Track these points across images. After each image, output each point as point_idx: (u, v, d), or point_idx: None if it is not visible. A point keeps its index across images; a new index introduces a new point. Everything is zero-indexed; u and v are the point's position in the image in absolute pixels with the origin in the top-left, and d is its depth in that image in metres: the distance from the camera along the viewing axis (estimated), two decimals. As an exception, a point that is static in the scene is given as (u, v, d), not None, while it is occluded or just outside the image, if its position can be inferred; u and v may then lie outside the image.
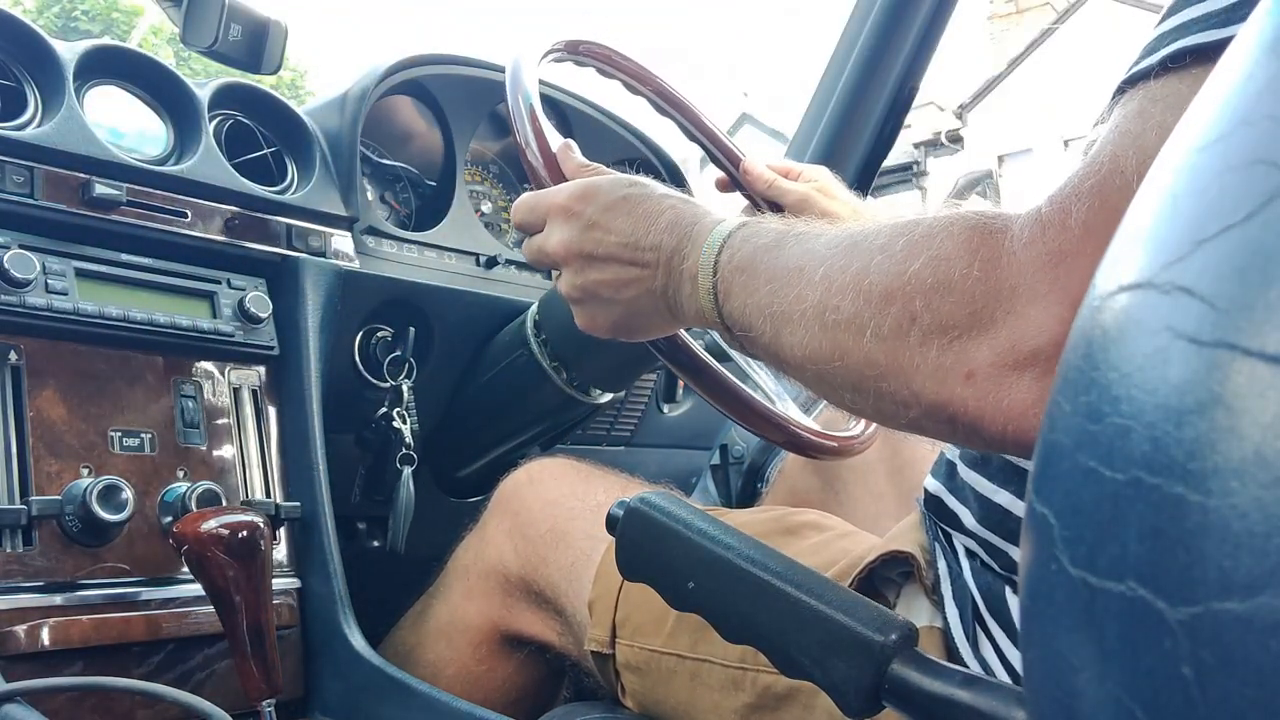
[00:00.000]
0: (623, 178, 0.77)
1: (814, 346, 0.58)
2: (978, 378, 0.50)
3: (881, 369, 0.54)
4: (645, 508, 0.59)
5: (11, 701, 0.76)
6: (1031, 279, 0.48)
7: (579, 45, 1.01)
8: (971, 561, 0.72)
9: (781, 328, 0.61)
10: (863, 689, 0.48)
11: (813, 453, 0.93)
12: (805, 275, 0.60)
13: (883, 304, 0.54)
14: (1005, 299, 0.49)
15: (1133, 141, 0.47)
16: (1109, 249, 0.28)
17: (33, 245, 0.93)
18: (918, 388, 0.53)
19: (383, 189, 1.34)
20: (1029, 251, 0.49)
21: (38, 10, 13.54)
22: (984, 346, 0.50)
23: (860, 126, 1.57)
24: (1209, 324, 0.23)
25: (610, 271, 0.73)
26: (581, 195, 0.75)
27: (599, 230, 0.73)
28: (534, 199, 0.79)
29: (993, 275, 0.50)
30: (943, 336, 0.51)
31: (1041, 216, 0.49)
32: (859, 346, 0.55)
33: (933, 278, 0.52)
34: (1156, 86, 0.48)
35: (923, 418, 0.54)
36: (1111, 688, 0.24)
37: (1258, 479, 0.21)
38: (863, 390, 0.57)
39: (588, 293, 0.75)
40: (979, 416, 0.50)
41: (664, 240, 0.71)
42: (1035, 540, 0.28)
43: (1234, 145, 0.24)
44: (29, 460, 0.89)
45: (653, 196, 0.74)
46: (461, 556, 1.07)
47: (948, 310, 0.51)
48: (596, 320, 0.77)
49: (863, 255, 0.57)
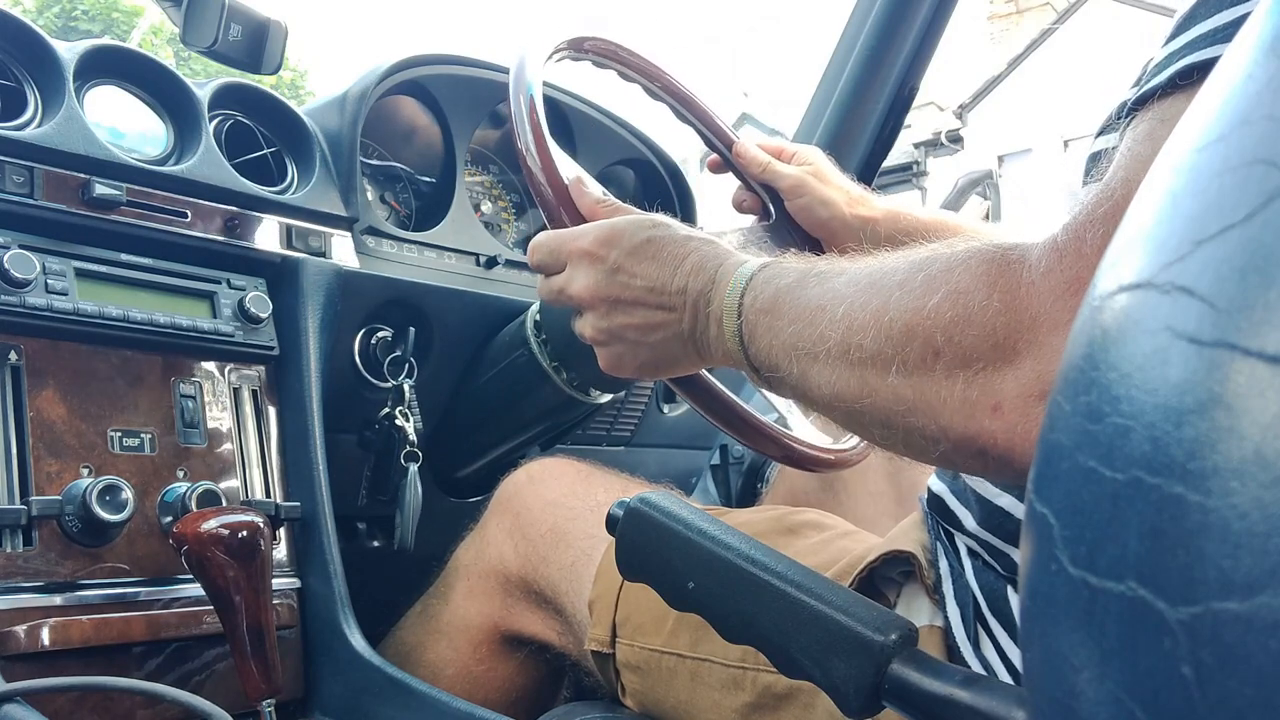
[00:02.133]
0: (644, 218, 0.77)
1: (841, 385, 0.59)
2: (1005, 410, 0.50)
3: (909, 404, 0.55)
4: (645, 508, 0.59)
5: (11, 701, 0.76)
6: (1052, 307, 0.49)
7: (584, 43, 1.00)
8: (973, 561, 0.72)
9: (808, 367, 0.61)
10: (863, 689, 0.48)
11: (809, 465, 0.93)
12: (827, 314, 0.60)
13: (904, 340, 0.54)
14: (1027, 329, 0.49)
15: (1144, 166, 0.47)
16: (1109, 249, 0.28)
17: (33, 245, 0.93)
18: (945, 422, 0.53)
19: (383, 189, 1.34)
20: (1047, 281, 0.49)
21: (38, 10, 13.54)
22: (1009, 378, 0.50)
23: (860, 126, 1.57)
24: (1209, 324, 0.23)
25: (638, 315, 0.74)
26: (606, 240, 0.75)
27: (624, 274, 0.73)
28: (555, 241, 0.79)
29: (1013, 306, 0.50)
30: (967, 369, 0.51)
31: (1058, 245, 0.50)
32: (884, 383, 0.55)
33: (952, 311, 0.52)
34: (1164, 106, 0.48)
35: (953, 452, 0.54)
36: (1111, 688, 0.24)
37: (1258, 479, 0.21)
38: (892, 426, 0.57)
39: (614, 336, 0.75)
40: (1009, 448, 0.50)
41: (690, 284, 0.71)
42: (1035, 540, 0.28)
43: (1234, 145, 0.24)
44: (29, 460, 0.88)
45: (676, 239, 0.74)
46: (462, 556, 1.07)
47: (970, 343, 0.51)
48: (624, 361, 0.77)
49: (882, 292, 0.57)
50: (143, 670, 0.91)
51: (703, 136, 1.13)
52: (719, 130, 1.12)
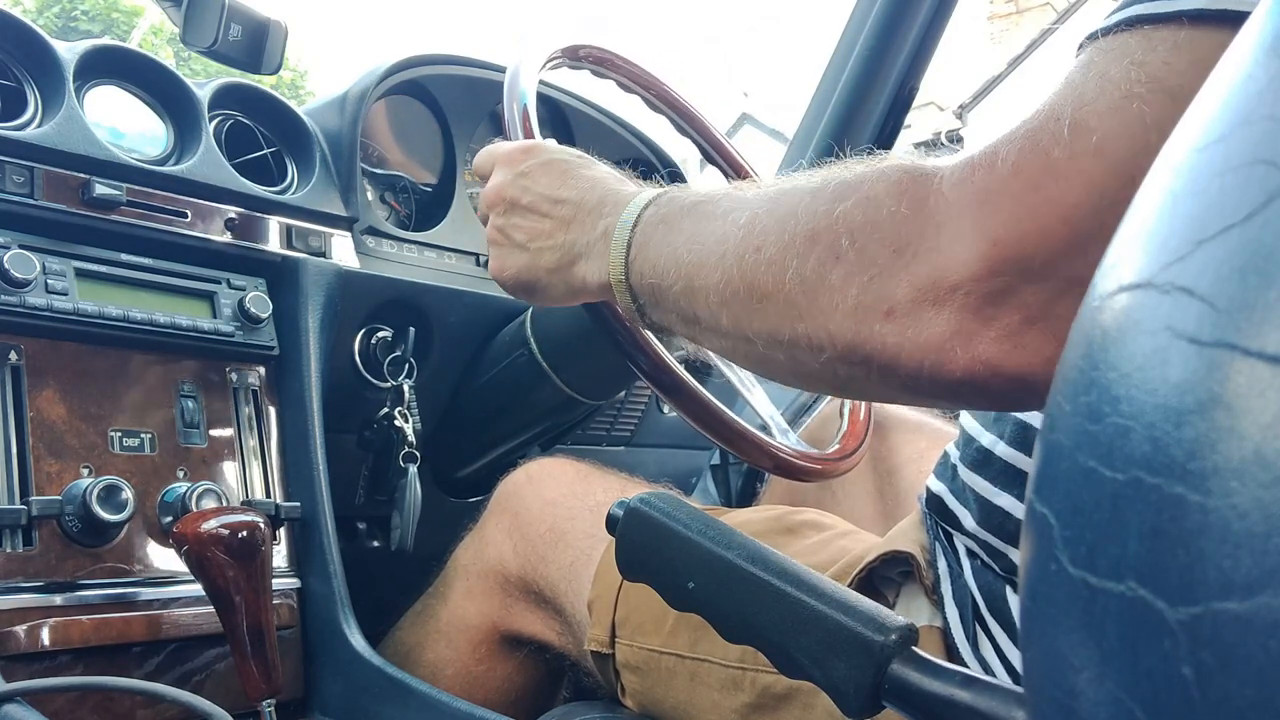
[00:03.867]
0: (575, 151, 0.79)
1: (732, 290, 0.58)
2: (897, 314, 0.50)
3: (800, 310, 0.54)
4: (645, 508, 0.59)
5: (11, 701, 0.76)
6: (957, 216, 0.48)
7: (579, 50, 1.01)
8: (972, 561, 0.72)
9: (696, 274, 0.61)
10: (863, 689, 0.48)
11: (799, 475, 0.93)
12: (730, 219, 0.60)
13: (808, 243, 0.54)
14: (930, 236, 0.49)
15: (1073, 91, 0.48)
16: (1109, 249, 0.28)
17: (33, 245, 0.93)
18: (835, 328, 0.52)
19: (383, 189, 1.34)
20: (957, 191, 0.49)
21: (38, 10, 13.53)
22: (904, 282, 0.50)
23: (860, 126, 1.57)
24: (1209, 324, 0.23)
25: (529, 219, 0.75)
26: (526, 149, 0.79)
27: (528, 180, 0.76)
28: (491, 147, 0.82)
29: (920, 213, 0.50)
30: (863, 275, 0.51)
31: (972, 159, 0.50)
32: (779, 288, 0.55)
33: (862, 216, 0.52)
34: (1106, 41, 0.48)
35: (837, 360, 0.54)
36: (1111, 688, 0.24)
37: (1258, 479, 0.21)
38: (777, 336, 0.56)
39: (505, 236, 0.77)
40: (896, 353, 0.50)
41: (585, 198, 0.72)
42: (1035, 540, 0.28)
43: (1234, 145, 0.24)
44: (29, 460, 0.88)
45: (591, 166, 0.76)
46: (461, 556, 1.07)
47: (873, 248, 0.51)
48: (504, 266, 0.78)
49: (792, 198, 0.57)
50: (143, 670, 0.91)
51: (699, 146, 1.14)
52: (714, 140, 1.13)
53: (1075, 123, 0.46)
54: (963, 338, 0.48)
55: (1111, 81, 0.46)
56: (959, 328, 0.48)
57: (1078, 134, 0.46)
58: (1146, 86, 0.45)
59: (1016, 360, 0.47)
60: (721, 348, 0.64)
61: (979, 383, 0.48)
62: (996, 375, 0.48)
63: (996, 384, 0.48)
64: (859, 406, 1.10)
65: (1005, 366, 0.48)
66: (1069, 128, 0.46)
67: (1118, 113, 0.45)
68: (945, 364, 0.49)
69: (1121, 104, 0.45)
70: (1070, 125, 0.46)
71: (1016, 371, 0.47)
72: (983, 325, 0.48)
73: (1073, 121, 0.46)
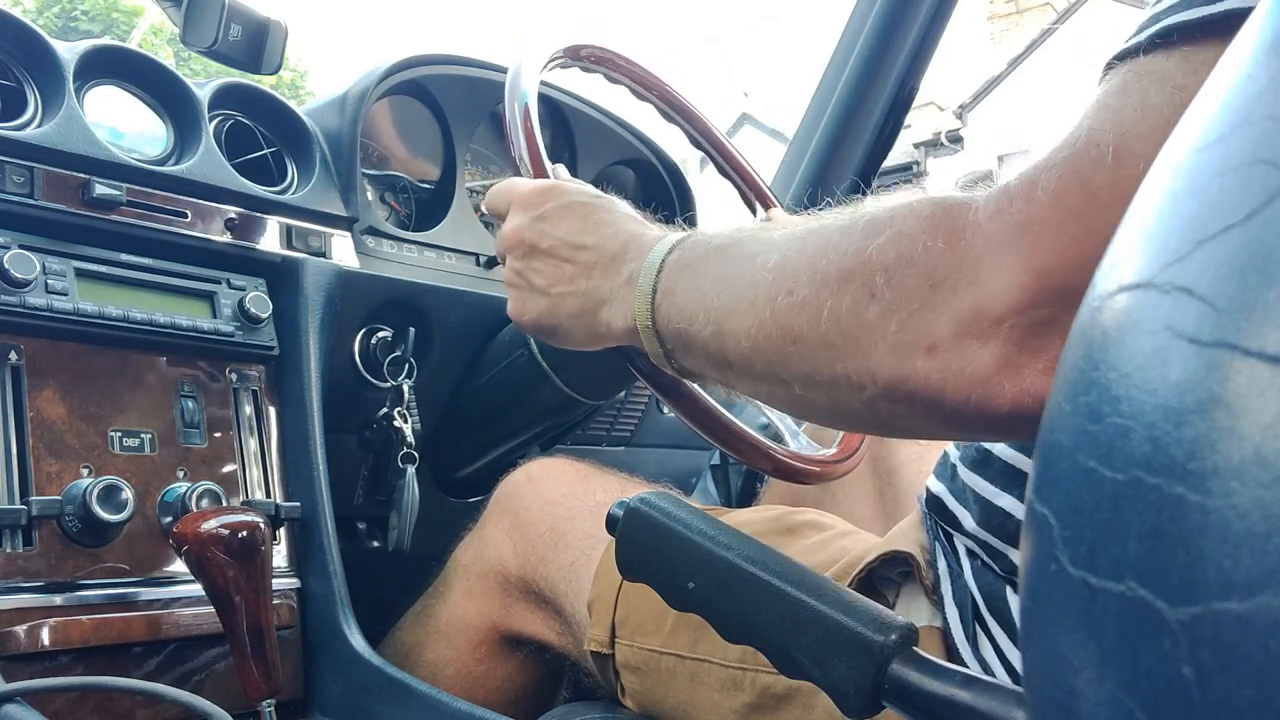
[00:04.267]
0: (591, 189, 0.78)
1: (764, 334, 0.57)
2: (939, 349, 0.49)
3: (838, 350, 0.53)
4: (645, 508, 0.59)
5: (11, 701, 0.76)
6: (997, 248, 0.48)
7: (580, 50, 1.01)
8: (972, 561, 0.72)
9: (725, 320, 0.60)
10: (863, 689, 0.48)
11: (799, 477, 0.93)
12: (759, 262, 0.59)
13: (841, 283, 0.53)
14: (969, 269, 0.49)
15: (1111, 116, 0.47)
16: (1109, 249, 0.28)
17: (33, 245, 0.93)
18: (875, 366, 0.52)
19: (383, 189, 1.34)
20: (994, 223, 0.48)
21: (38, 10, 13.54)
22: (945, 317, 0.49)
23: (860, 126, 1.57)
24: (1209, 324, 0.23)
25: (549, 265, 0.75)
26: (545, 190, 0.77)
27: (547, 224, 0.75)
28: (505, 186, 0.81)
29: (956, 247, 0.49)
30: (902, 311, 0.51)
31: (1009, 189, 0.49)
32: (814, 329, 0.54)
33: (895, 253, 0.51)
34: (1142, 62, 0.47)
35: (879, 398, 0.53)
36: (1111, 688, 0.24)
37: (1258, 479, 0.21)
38: (815, 378, 0.56)
39: (524, 280, 0.77)
40: (941, 388, 0.50)
41: (606, 244, 0.72)
42: (1035, 540, 0.28)
43: (1234, 145, 0.24)
44: (29, 460, 0.88)
45: (611, 209, 0.75)
46: (461, 556, 1.07)
47: (910, 284, 0.50)
48: (524, 309, 0.77)
49: (821, 238, 0.56)
50: (143, 670, 0.91)
51: (699, 145, 1.14)
52: (715, 139, 1.13)
53: (1118, 150, 0.45)
54: (1009, 370, 0.48)
55: (1153, 108, 0.45)
56: (1005, 360, 0.48)
57: (1120, 161, 0.45)
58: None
59: None
60: (756, 392, 0.63)
61: (1026, 415, 0.48)
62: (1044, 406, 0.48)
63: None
64: None
65: None
66: (1111, 155, 0.46)
67: (1162, 141, 0.45)
68: (992, 398, 0.48)
69: (1166, 131, 0.45)
70: (1114, 152, 0.46)
71: None
72: (1029, 357, 0.47)
73: (1115, 149, 0.46)
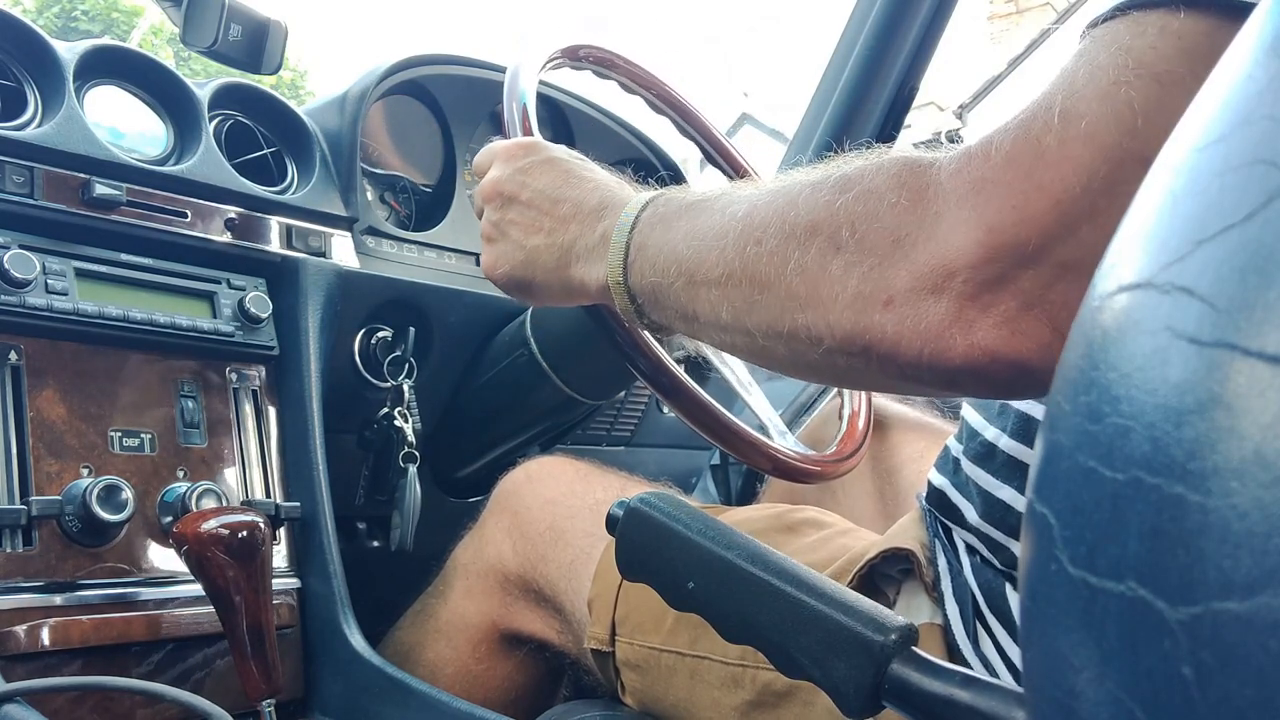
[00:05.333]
0: (574, 153, 0.79)
1: (732, 283, 0.59)
2: (896, 303, 0.51)
3: (800, 301, 0.55)
4: (645, 507, 0.59)
5: (11, 701, 0.76)
6: (954, 206, 0.49)
7: (579, 50, 1.01)
8: (972, 558, 0.72)
9: (695, 269, 0.61)
10: (863, 689, 0.48)
11: (798, 476, 0.93)
12: (729, 213, 0.60)
13: (808, 234, 0.55)
14: (929, 225, 0.50)
15: (1065, 79, 0.48)
16: (1109, 249, 0.28)
17: (33, 245, 0.93)
18: (835, 318, 0.53)
19: (383, 189, 1.34)
20: (953, 180, 0.50)
21: (38, 10, 13.53)
22: (904, 272, 0.50)
23: (860, 126, 1.57)
24: (1209, 324, 0.23)
25: (526, 216, 0.76)
26: (527, 146, 0.79)
27: (527, 175, 0.76)
28: (491, 145, 0.83)
29: (919, 204, 0.51)
30: (864, 265, 0.52)
31: (969, 150, 0.50)
32: (780, 279, 0.56)
33: (862, 208, 0.53)
34: (1098, 30, 0.48)
35: (836, 351, 0.54)
36: (1111, 688, 0.24)
37: (1258, 479, 0.21)
38: (777, 328, 0.57)
39: (500, 231, 0.77)
40: (896, 342, 0.51)
41: (584, 199, 0.73)
42: (1035, 540, 0.28)
43: (1234, 145, 0.24)
44: (29, 460, 0.88)
45: (590, 168, 0.77)
46: (460, 555, 1.07)
47: (873, 238, 0.52)
48: (498, 262, 0.78)
49: (791, 193, 0.57)
50: (143, 670, 0.91)
51: (700, 145, 1.14)
52: (714, 139, 1.13)
53: (1065, 110, 0.47)
54: (961, 325, 0.49)
55: (1100, 68, 0.47)
56: (958, 315, 0.49)
57: (1067, 121, 0.47)
58: (1134, 72, 0.45)
59: (1014, 346, 0.48)
60: (720, 342, 0.64)
61: (978, 369, 0.49)
62: (995, 361, 0.49)
63: (995, 370, 0.49)
64: (858, 409, 1.10)
65: (1003, 352, 0.48)
66: (1059, 115, 0.47)
67: (1106, 99, 0.46)
68: (944, 351, 0.50)
69: (1110, 90, 0.46)
70: (1060, 113, 0.47)
71: (1015, 357, 0.48)
72: (981, 312, 0.48)
73: (1063, 109, 0.47)
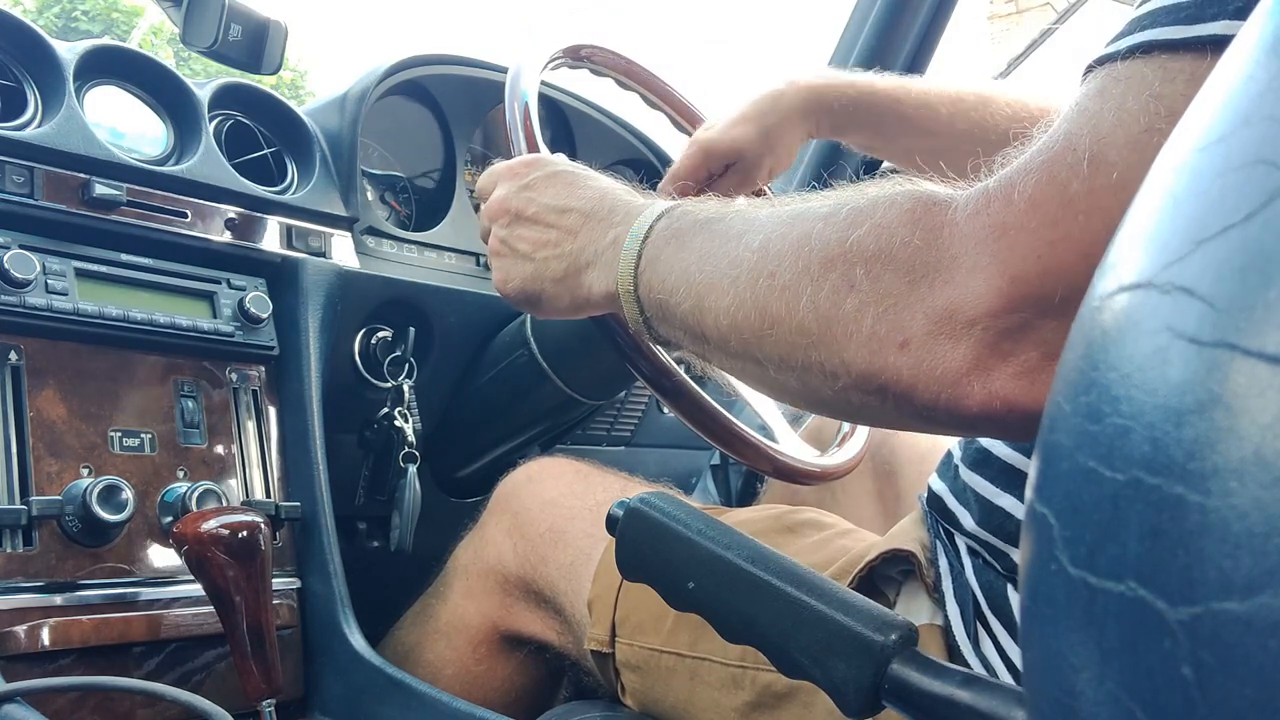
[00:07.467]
0: (579, 164, 0.79)
1: (743, 314, 0.58)
2: (912, 346, 0.49)
3: (813, 338, 0.54)
4: (645, 508, 0.59)
5: (11, 701, 0.76)
6: (973, 250, 0.48)
7: (580, 50, 1.01)
8: (973, 559, 0.72)
9: (706, 295, 0.60)
10: (863, 689, 0.48)
11: (799, 478, 0.93)
12: (744, 241, 0.59)
13: (822, 272, 0.53)
14: (945, 268, 0.49)
15: (1089, 121, 0.47)
16: (1109, 249, 0.28)
17: (33, 245, 0.93)
18: (849, 357, 0.52)
19: (383, 189, 1.34)
20: (972, 223, 0.48)
21: (38, 10, 13.52)
22: (920, 314, 0.49)
23: (860, 126, 1.57)
24: (1209, 324, 0.23)
25: (534, 231, 0.75)
26: (530, 161, 0.79)
27: (533, 191, 0.76)
28: (495, 166, 0.82)
29: (934, 245, 0.49)
30: (878, 305, 0.51)
31: (988, 191, 0.49)
32: (793, 314, 0.55)
33: (875, 245, 0.52)
34: (1120, 68, 0.47)
35: (851, 389, 0.53)
36: (1111, 688, 0.24)
37: (1258, 479, 0.21)
38: (789, 362, 0.56)
39: (508, 248, 0.77)
40: (912, 385, 0.50)
41: (590, 207, 0.72)
42: (1035, 540, 0.28)
43: (1234, 145, 0.24)
44: (29, 460, 0.88)
45: (595, 178, 0.76)
46: (461, 556, 1.07)
47: (887, 278, 0.51)
48: (508, 278, 0.77)
49: (805, 223, 0.56)
50: (143, 670, 0.91)
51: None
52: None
53: (1094, 156, 0.45)
54: (980, 373, 0.48)
55: (1130, 114, 0.45)
56: (976, 363, 0.48)
57: (1096, 168, 0.45)
58: (1166, 121, 0.44)
59: (1034, 396, 0.46)
60: (730, 368, 0.63)
61: (995, 418, 0.48)
62: (1013, 411, 0.47)
63: (1013, 420, 0.47)
64: None
65: (1022, 402, 0.47)
66: (1087, 161, 0.45)
67: (1137, 147, 0.44)
68: (962, 399, 0.48)
69: (1141, 138, 0.44)
70: (1089, 159, 0.45)
71: (1034, 407, 0.46)
72: (1000, 361, 0.47)
73: (1091, 155, 0.45)
